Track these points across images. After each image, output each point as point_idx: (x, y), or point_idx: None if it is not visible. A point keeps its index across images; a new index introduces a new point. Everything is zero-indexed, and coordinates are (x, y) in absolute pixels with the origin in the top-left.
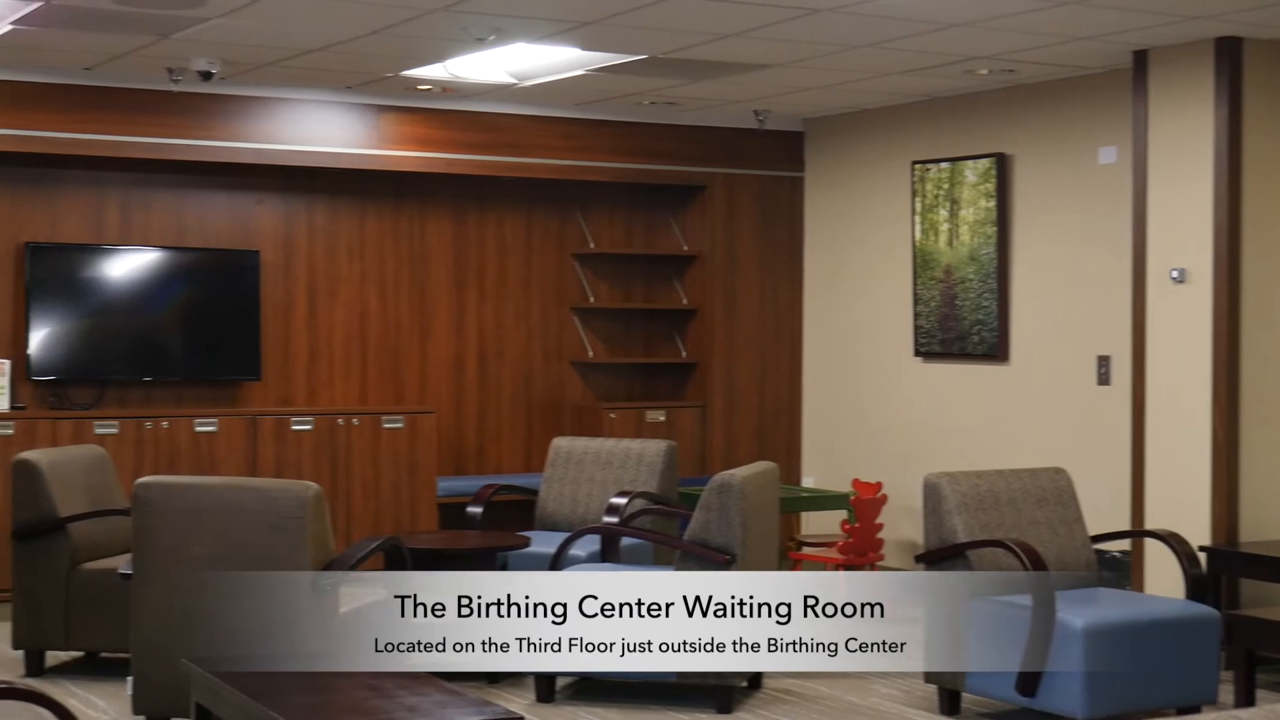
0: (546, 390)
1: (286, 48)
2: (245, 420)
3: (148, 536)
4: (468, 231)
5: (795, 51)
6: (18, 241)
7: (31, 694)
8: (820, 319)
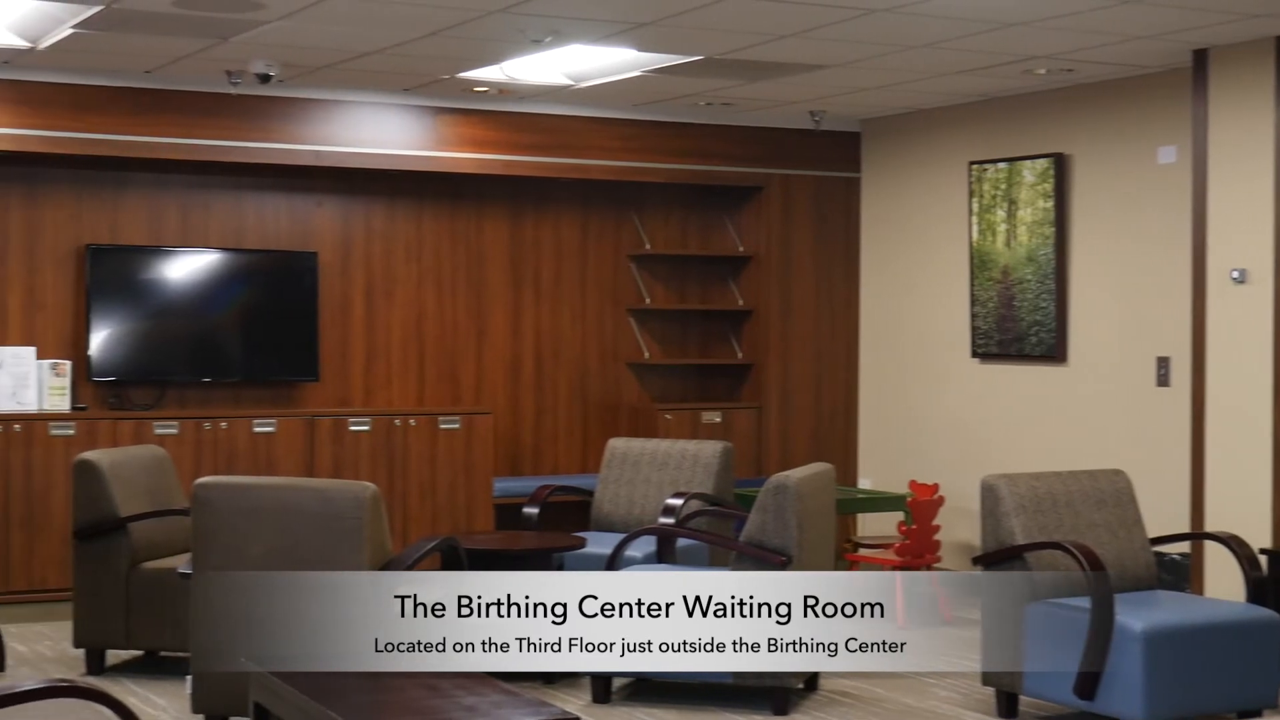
0: (602, 391)
1: (344, 50)
2: (303, 421)
3: (207, 536)
4: (524, 233)
5: (852, 52)
6: (79, 243)
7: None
8: (877, 320)
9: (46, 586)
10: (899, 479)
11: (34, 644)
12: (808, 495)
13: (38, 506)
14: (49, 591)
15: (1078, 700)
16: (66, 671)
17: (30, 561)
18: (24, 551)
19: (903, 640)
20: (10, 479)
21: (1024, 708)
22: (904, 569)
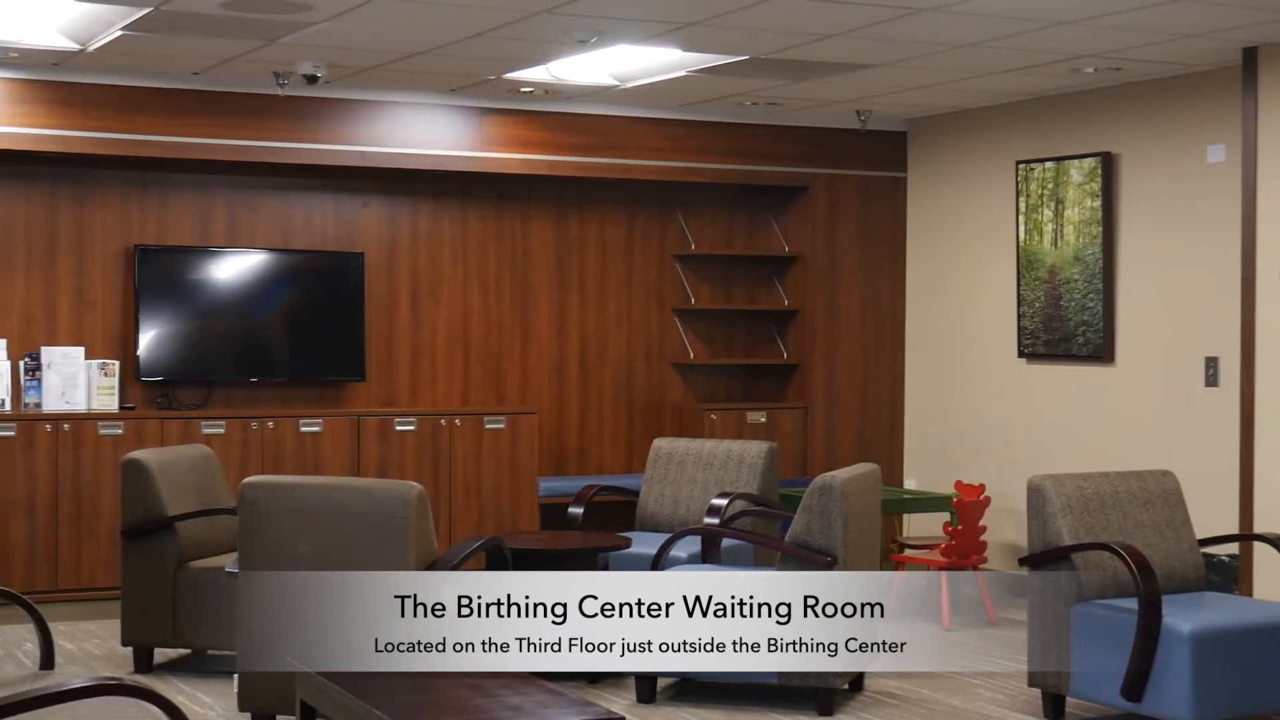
0: (647, 391)
1: (391, 51)
2: (349, 421)
3: (254, 535)
4: (569, 233)
5: (898, 51)
6: (127, 244)
7: (140, 690)
8: (923, 320)
9: (95, 585)
10: (945, 479)
11: (82, 642)
12: (853, 495)
13: (86, 506)
14: (97, 590)
15: (1125, 702)
16: (115, 670)
17: (79, 560)
18: (73, 550)
19: (902, 640)
20: (59, 478)
21: (1070, 709)
22: (950, 570)
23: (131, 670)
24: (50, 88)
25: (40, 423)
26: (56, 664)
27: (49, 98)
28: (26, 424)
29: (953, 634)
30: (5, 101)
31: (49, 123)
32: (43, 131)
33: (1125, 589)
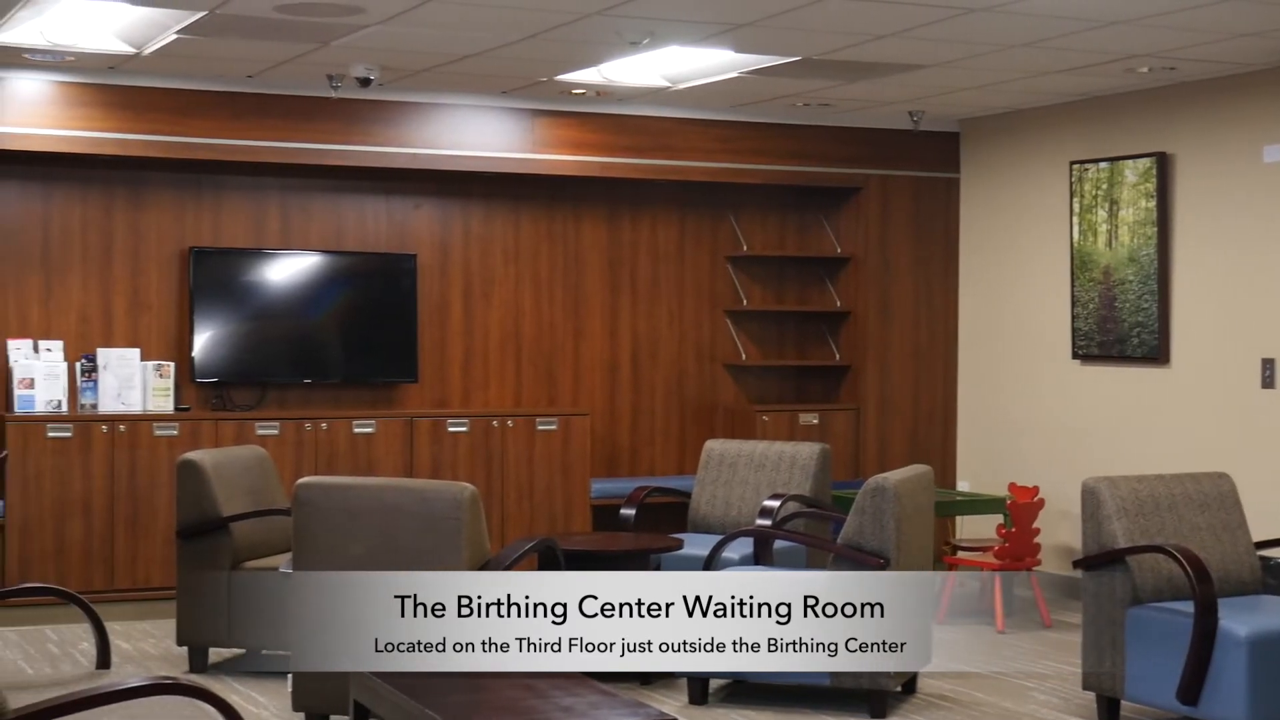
0: (699, 392)
1: (443, 53)
2: (402, 422)
3: (307, 536)
4: (621, 234)
5: (950, 51)
6: (182, 246)
7: (196, 689)
8: (976, 321)
9: (150, 585)
10: (998, 481)
11: (138, 641)
12: (906, 497)
13: (142, 506)
14: (153, 590)
15: (1180, 705)
16: (170, 669)
17: (135, 560)
18: (128, 550)
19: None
20: (115, 479)
21: (1125, 713)
22: (1003, 572)
23: (186, 670)
24: (106, 91)
25: (96, 424)
26: (112, 663)
27: (105, 101)
28: (83, 425)
29: (1006, 636)
30: (62, 105)
31: (105, 126)
32: (99, 135)
33: (1180, 592)
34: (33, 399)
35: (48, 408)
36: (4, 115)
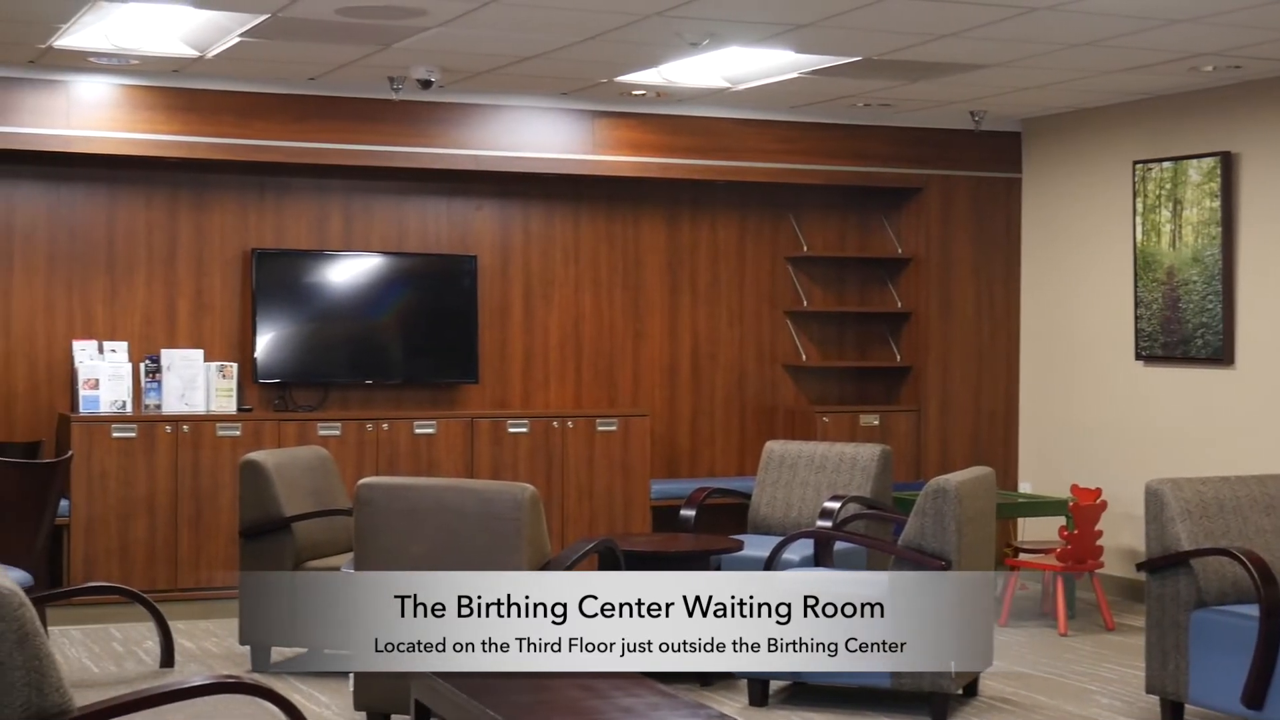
0: (759, 393)
1: (504, 55)
2: (463, 422)
3: (369, 536)
4: (681, 235)
5: (1012, 51)
6: (245, 248)
7: (258, 688)
8: (1038, 322)
9: (213, 584)
10: (1060, 483)
11: (201, 640)
12: (967, 499)
13: (205, 506)
14: (216, 589)
15: (1245, 709)
16: (233, 668)
17: (198, 560)
18: (192, 550)
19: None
20: (179, 479)
21: (1189, 717)
22: (1066, 574)
23: (249, 669)
24: (170, 94)
25: (160, 424)
26: (176, 662)
27: (169, 104)
28: (147, 425)
29: (1069, 639)
30: (127, 108)
31: (169, 129)
32: (163, 137)
33: (1245, 595)
34: (97, 400)
35: (112, 408)
36: (70, 119)
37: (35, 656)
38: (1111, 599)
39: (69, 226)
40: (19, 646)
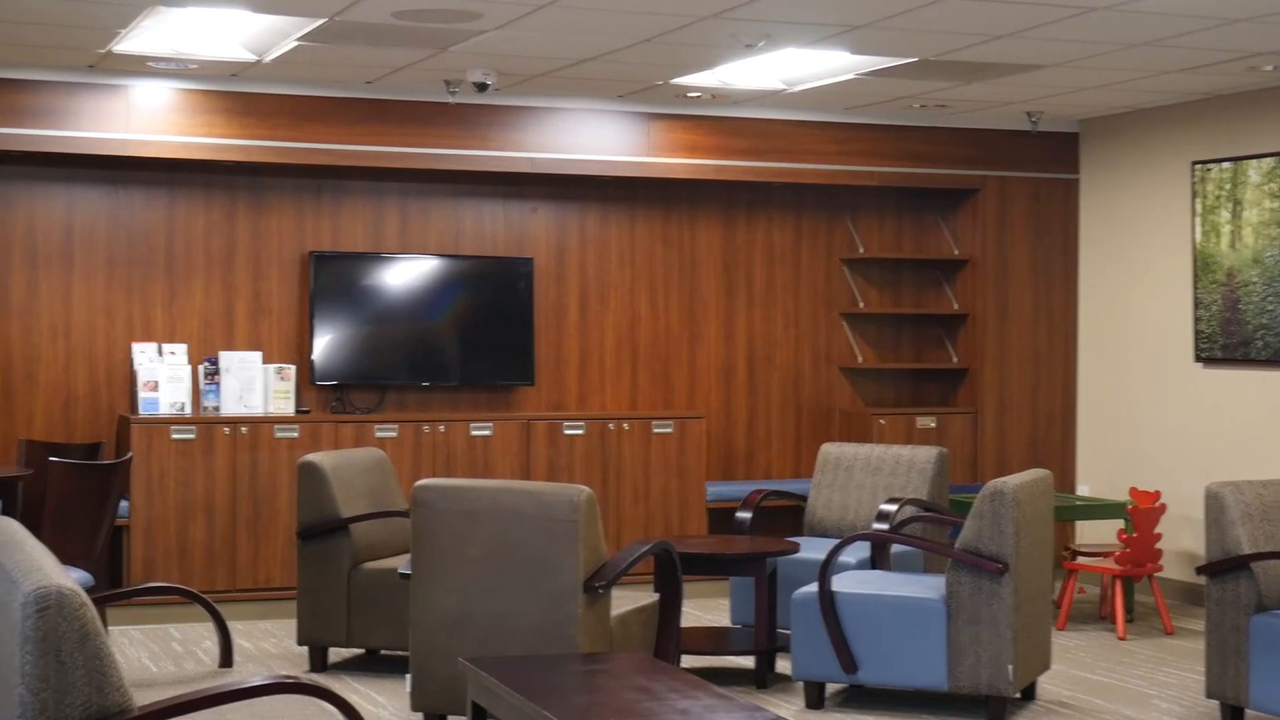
0: (815, 396)
1: (559, 58)
2: (519, 424)
3: (426, 538)
4: (737, 237)
5: (1069, 51)
6: (302, 251)
7: (316, 689)
8: (1096, 324)
9: (271, 585)
10: (1119, 486)
11: (259, 641)
12: (1025, 502)
13: (263, 507)
14: (274, 590)
15: None
16: (291, 668)
17: (256, 560)
18: (250, 551)
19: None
20: (237, 480)
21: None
22: (1124, 578)
23: (307, 669)
24: (228, 98)
25: (219, 426)
26: (234, 662)
27: (227, 108)
28: (206, 427)
29: (1128, 643)
30: (185, 112)
31: (227, 132)
32: (221, 141)
33: None
34: (157, 402)
35: (171, 410)
36: (129, 123)
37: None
38: (1171, 603)
39: (128, 230)
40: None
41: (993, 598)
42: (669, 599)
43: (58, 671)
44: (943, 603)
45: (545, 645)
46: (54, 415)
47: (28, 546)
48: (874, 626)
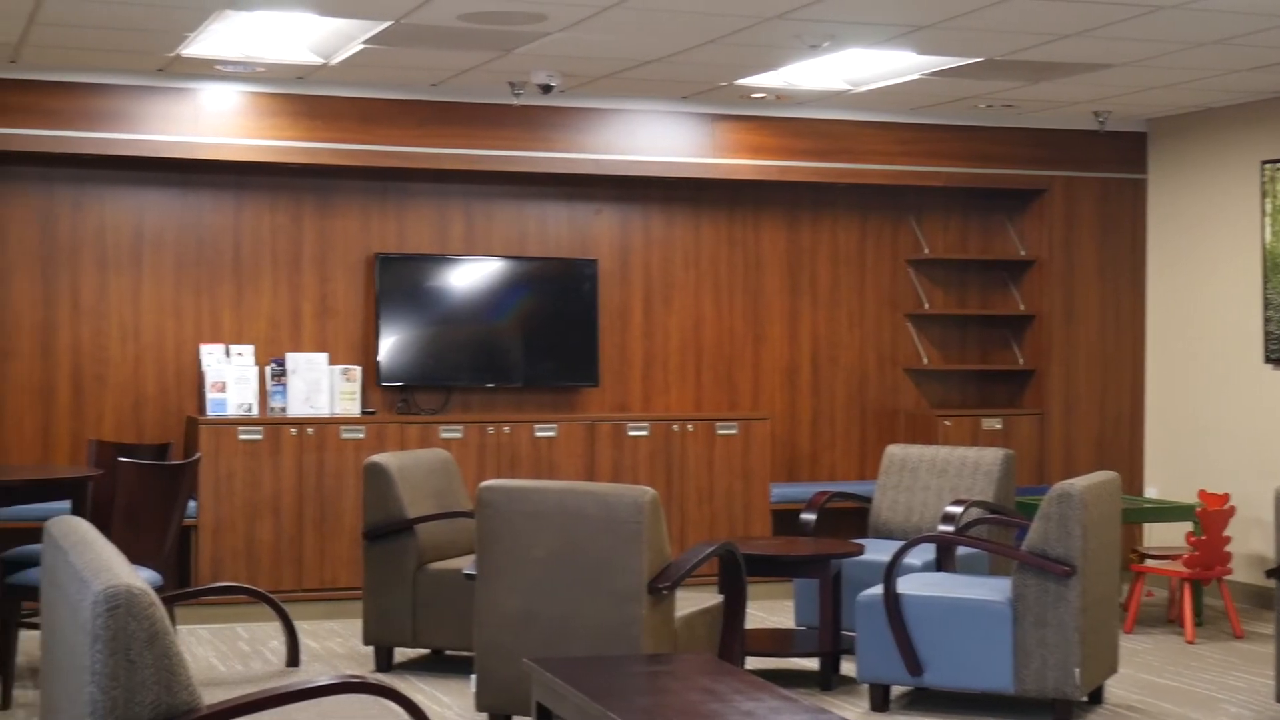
0: (880, 397)
1: (623, 59)
2: (583, 426)
3: (490, 539)
4: (801, 238)
5: (1137, 50)
6: (368, 253)
7: (382, 689)
8: (1164, 324)
9: (337, 585)
10: (1187, 488)
11: (325, 640)
12: (1092, 504)
13: (329, 508)
14: (340, 590)
15: None
16: (356, 668)
17: (322, 561)
18: (316, 551)
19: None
20: (304, 481)
21: None
22: (1193, 581)
23: (373, 669)
24: (294, 101)
25: (285, 427)
26: (301, 661)
27: (293, 111)
28: (272, 428)
29: (1196, 647)
30: (252, 115)
31: (293, 135)
32: (288, 144)
33: None
34: (224, 402)
35: (239, 411)
36: (197, 126)
37: (165, 655)
38: (1240, 606)
39: (196, 232)
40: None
41: (1060, 600)
42: (733, 600)
43: (127, 670)
44: (1009, 605)
45: (609, 646)
46: (124, 416)
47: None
48: (939, 629)
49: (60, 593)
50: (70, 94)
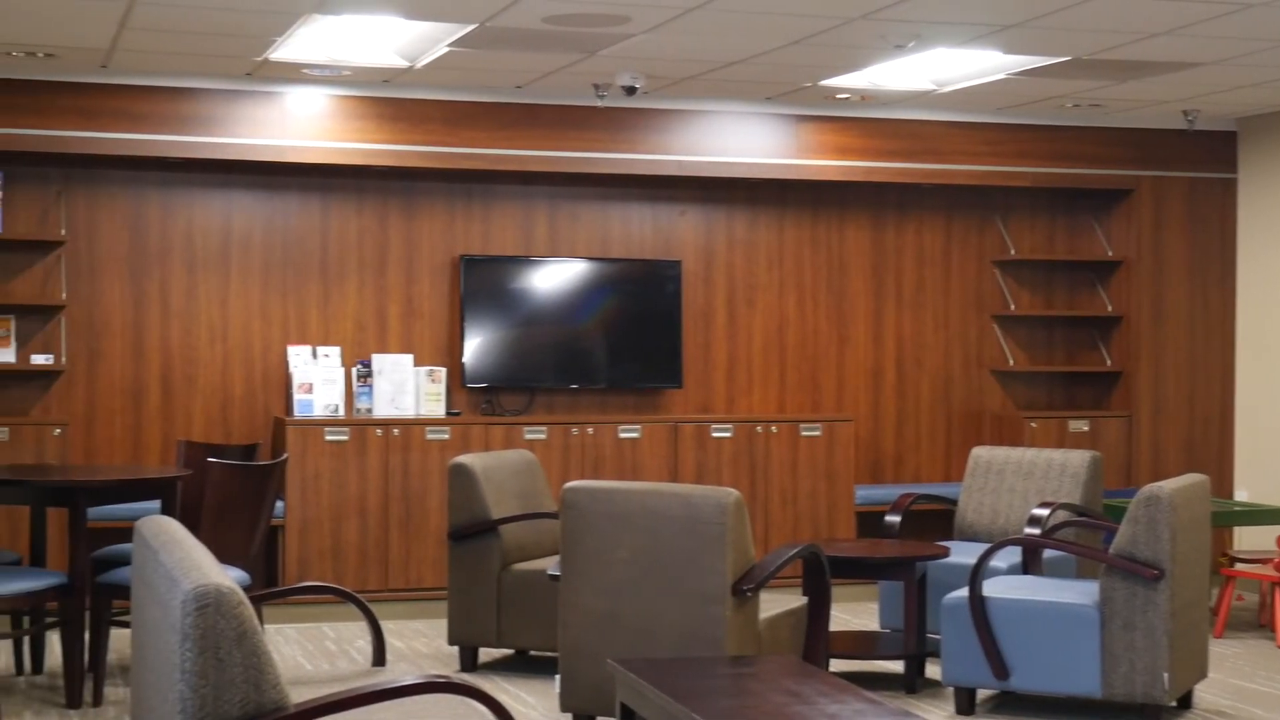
0: (965, 399)
1: (708, 61)
2: (667, 427)
3: (575, 539)
4: (886, 239)
5: (1226, 49)
6: (453, 254)
7: (468, 689)
8: (1255, 325)
9: (423, 585)
10: (1278, 491)
11: (411, 640)
12: (1181, 507)
13: (415, 508)
14: (425, 590)
15: None
16: (441, 668)
17: (408, 561)
18: (402, 551)
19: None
20: (389, 481)
21: None
22: None
23: (457, 669)
24: (380, 104)
25: (371, 428)
26: (387, 661)
27: (379, 114)
28: (359, 429)
29: None
30: (339, 118)
31: (379, 138)
32: (373, 146)
33: None
34: (311, 403)
35: (325, 412)
36: (284, 129)
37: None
38: None
39: (283, 234)
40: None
41: (1148, 604)
42: (817, 602)
43: (216, 668)
44: (1096, 609)
45: (693, 648)
46: (212, 416)
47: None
48: (1026, 632)
49: (150, 591)
50: (159, 98)
